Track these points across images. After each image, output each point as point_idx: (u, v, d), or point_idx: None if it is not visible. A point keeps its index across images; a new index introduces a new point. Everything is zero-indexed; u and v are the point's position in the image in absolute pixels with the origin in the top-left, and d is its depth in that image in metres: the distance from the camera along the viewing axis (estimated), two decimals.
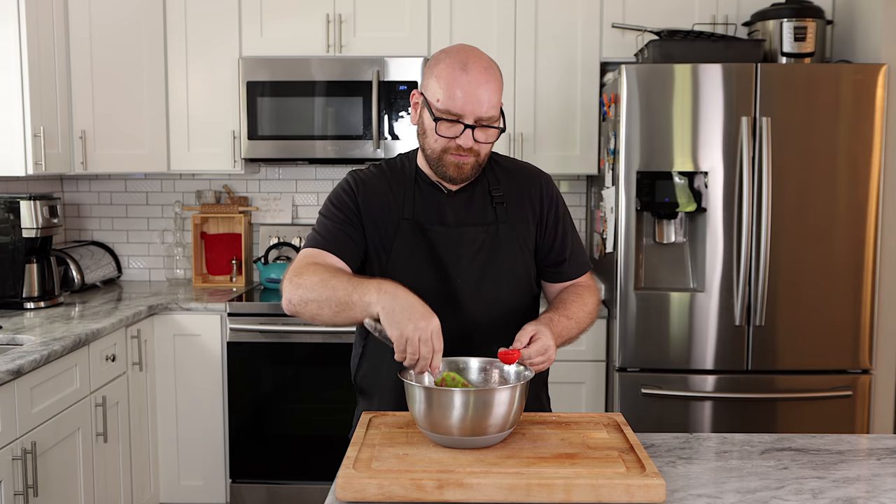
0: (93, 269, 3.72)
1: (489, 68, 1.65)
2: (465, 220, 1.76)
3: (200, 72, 3.59)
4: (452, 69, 1.63)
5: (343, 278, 1.56)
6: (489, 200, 1.78)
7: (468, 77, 1.62)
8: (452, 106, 1.62)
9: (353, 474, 1.32)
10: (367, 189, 1.76)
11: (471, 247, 1.74)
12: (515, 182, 1.81)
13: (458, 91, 1.61)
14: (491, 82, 1.63)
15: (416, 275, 1.71)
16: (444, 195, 1.77)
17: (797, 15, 3.19)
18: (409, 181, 1.78)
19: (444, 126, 1.64)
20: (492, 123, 1.65)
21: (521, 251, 1.78)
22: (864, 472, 1.50)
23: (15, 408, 2.28)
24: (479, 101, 1.62)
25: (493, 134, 1.67)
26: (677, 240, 3.17)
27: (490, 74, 1.64)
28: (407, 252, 1.73)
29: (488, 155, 1.74)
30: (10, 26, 2.96)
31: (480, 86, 1.62)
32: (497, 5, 3.53)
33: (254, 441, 3.38)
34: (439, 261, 1.73)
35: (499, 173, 1.81)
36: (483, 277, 1.74)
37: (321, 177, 3.99)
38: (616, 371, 3.12)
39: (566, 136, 3.57)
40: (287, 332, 3.32)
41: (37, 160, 3.03)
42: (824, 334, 3.05)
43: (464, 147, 1.65)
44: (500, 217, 1.77)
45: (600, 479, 1.30)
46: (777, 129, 2.99)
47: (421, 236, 1.73)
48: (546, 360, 1.59)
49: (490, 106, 1.63)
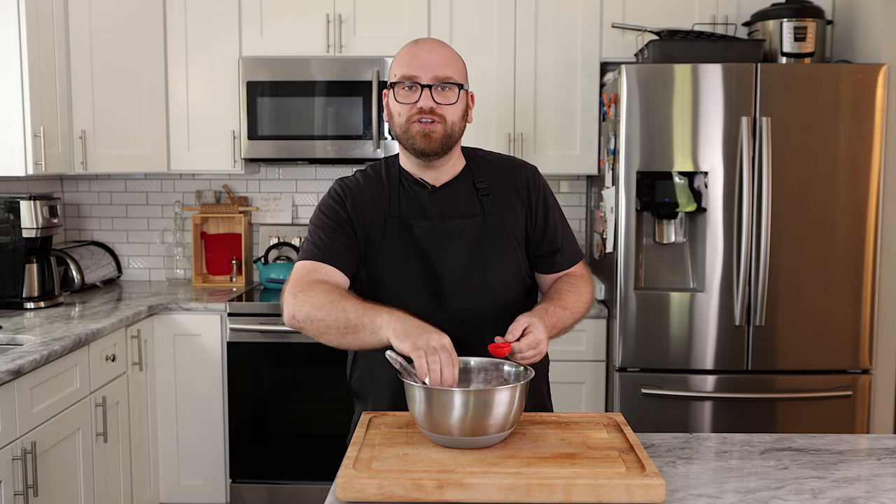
0: (93, 269, 3.72)
1: (442, 43, 1.74)
2: (450, 214, 1.76)
3: (200, 72, 3.60)
4: (406, 46, 1.74)
5: (353, 301, 1.57)
6: (475, 193, 1.79)
7: (419, 45, 1.72)
8: (406, 70, 1.69)
9: (353, 474, 1.32)
10: (355, 194, 1.78)
11: (457, 239, 1.74)
12: (501, 174, 1.82)
13: (411, 57, 1.70)
14: (443, 48, 1.72)
15: (404, 270, 1.73)
16: (429, 191, 1.77)
17: (797, 15, 3.18)
18: (393, 180, 1.79)
19: (402, 92, 1.70)
20: (449, 82, 1.69)
21: (509, 242, 1.78)
22: (864, 472, 1.50)
23: (15, 408, 2.28)
24: (431, 61, 1.68)
25: (452, 94, 1.70)
26: (677, 240, 3.17)
27: (442, 44, 1.73)
28: (394, 249, 1.74)
29: (457, 125, 1.72)
30: (10, 26, 2.96)
31: (432, 50, 1.71)
32: (497, 5, 3.53)
33: (254, 441, 3.38)
34: (426, 255, 1.74)
35: (483, 167, 1.83)
36: (471, 269, 1.74)
37: (321, 177, 3.99)
38: (616, 371, 3.12)
39: (566, 136, 3.57)
40: (287, 332, 3.32)
41: (37, 160, 3.03)
42: (824, 334, 3.05)
43: (424, 108, 1.67)
44: (486, 209, 1.77)
45: (600, 479, 1.30)
46: (777, 129, 2.99)
47: (407, 232, 1.74)
48: (537, 354, 1.59)
49: (442, 65, 1.69)
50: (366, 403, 1.82)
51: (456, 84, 1.70)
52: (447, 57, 1.71)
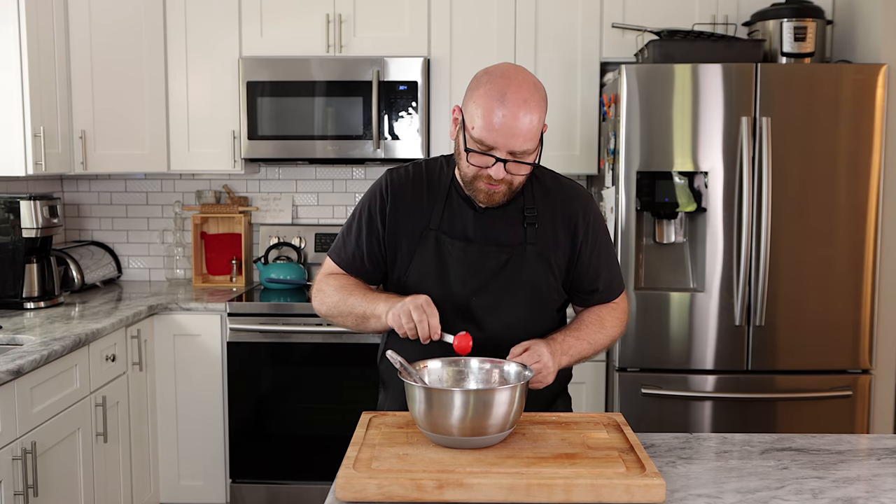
0: (93, 269, 3.72)
1: (529, 99, 1.57)
2: (490, 239, 1.73)
3: (200, 72, 3.60)
4: (490, 98, 1.57)
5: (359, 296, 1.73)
6: (521, 220, 1.74)
7: (504, 110, 1.55)
8: (485, 137, 1.58)
9: (353, 474, 1.32)
10: (400, 195, 1.76)
11: (493, 265, 1.72)
12: (552, 203, 1.76)
13: (493, 123, 1.56)
14: (529, 114, 1.56)
15: (432, 285, 1.72)
16: (475, 211, 1.73)
17: (797, 15, 3.18)
18: (442, 191, 1.76)
19: (476, 156, 1.61)
20: (526, 157, 1.60)
21: (547, 275, 1.74)
22: (864, 472, 1.50)
23: (15, 408, 2.28)
24: (513, 135, 1.56)
25: (526, 167, 1.62)
26: (677, 240, 3.17)
27: (529, 107, 1.56)
28: (427, 262, 1.73)
29: (522, 183, 1.68)
30: (10, 26, 2.96)
31: (517, 120, 1.55)
32: (497, 5, 3.53)
33: (254, 441, 3.38)
34: (458, 276, 1.72)
35: (537, 192, 1.76)
36: (502, 298, 1.72)
37: (321, 177, 3.99)
38: (616, 371, 3.12)
39: (566, 136, 3.57)
40: (287, 332, 3.32)
41: (37, 160, 3.03)
42: (824, 334, 3.05)
43: (495, 177, 1.61)
44: (528, 239, 1.73)
45: (600, 479, 1.30)
46: (777, 129, 2.99)
47: (442, 248, 1.73)
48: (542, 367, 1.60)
49: (525, 140, 1.57)
50: (390, 392, 1.85)
51: (531, 158, 1.62)
52: (531, 126, 1.57)
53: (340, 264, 1.81)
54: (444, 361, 1.60)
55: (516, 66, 1.64)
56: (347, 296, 1.74)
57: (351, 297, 1.73)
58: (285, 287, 3.70)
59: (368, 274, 1.80)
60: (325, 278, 1.81)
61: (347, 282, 1.78)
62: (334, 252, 1.83)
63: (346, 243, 1.81)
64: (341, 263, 1.81)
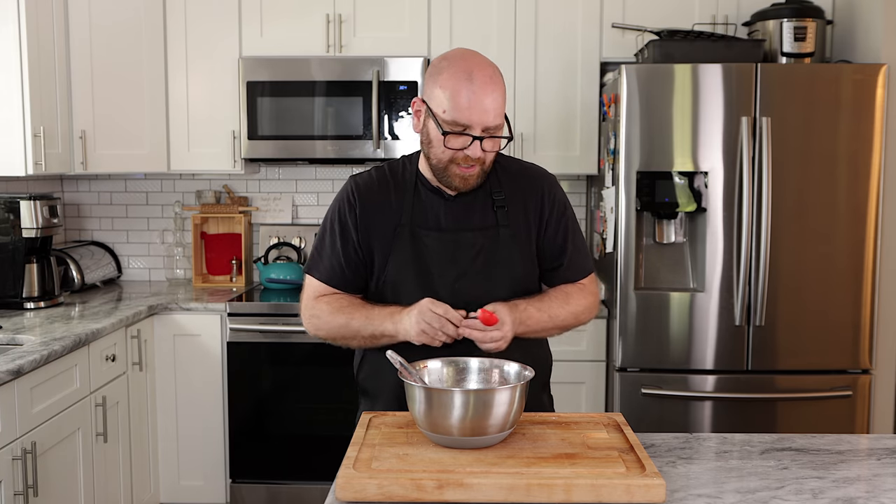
0: (93, 269, 3.72)
1: (493, 76, 1.65)
2: (464, 225, 1.76)
3: (200, 72, 3.60)
4: (457, 79, 1.62)
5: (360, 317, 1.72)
6: (490, 204, 1.77)
7: (473, 87, 1.61)
8: (459, 117, 1.62)
9: (353, 474, 1.32)
10: (367, 198, 1.78)
11: (469, 251, 1.74)
12: (518, 185, 1.81)
13: (465, 102, 1.61)
14: (496, 90, 1.64)
15: (413, 279, 1.73)
16: (445, 200, 1.76)
17: (797, 15, 3.18)
18: (409, 186, 1.78)
19: (453, 138, 1.64)
20: (498, 132, 1.66)
21: (521, 255, 1.77)
22: (864, 472, 1.50)
23: (15, 408, 2.28)
24: (485, 110, 1.62)
25: (499, 140, 1.68)
26: (677, 240, 3.17)
27: (495, 83, 1.64)
28: (404, 257, 1.74)
29: (492, 162, 1.74)
30: (10, 26, 2.96)
31: (486, 95, 1.62)
32: (497, 5, 3.53)
33: (254, 441, 3.38)
34: (436, 266, 1.74)
35: (502, 176, 1.80)
36: (481, 282, 1.74)
37: (321, 177, 3.99)
38: (616, 371, 3.12)
39: (566, 136, 3.57)
40: (287, 332, 3.32)
41: (37, 160, 3.03)
42: (824, 334, 3.05)
43: (472, 157, 1.65)
44: (500, 221, 1.76)
45: (600, 479, 1.30)
46: (777, 129, 2.99)
47: (418, 242, 1.74)
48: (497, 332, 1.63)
49: (496, 115, 1.64)
50: (373, 402, 1.82)
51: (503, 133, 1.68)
52: (499, 100, 1.64)
53: (321, 278, 1.79)
54: (444, 361, 1.60)
55: (471, 50, 1.72)
56: (349, 319, 1.72)
57: (353, 321, 1.72)
58: (285, 287, 3.70)
59: (349, 282, 1.79)
60: (315, 303, 1.78)
61: (341, 303, 1.76)
62: (312, 268, 1.81)
63: (322, 256, 1.80)
64: (321, 277, 1.79)
